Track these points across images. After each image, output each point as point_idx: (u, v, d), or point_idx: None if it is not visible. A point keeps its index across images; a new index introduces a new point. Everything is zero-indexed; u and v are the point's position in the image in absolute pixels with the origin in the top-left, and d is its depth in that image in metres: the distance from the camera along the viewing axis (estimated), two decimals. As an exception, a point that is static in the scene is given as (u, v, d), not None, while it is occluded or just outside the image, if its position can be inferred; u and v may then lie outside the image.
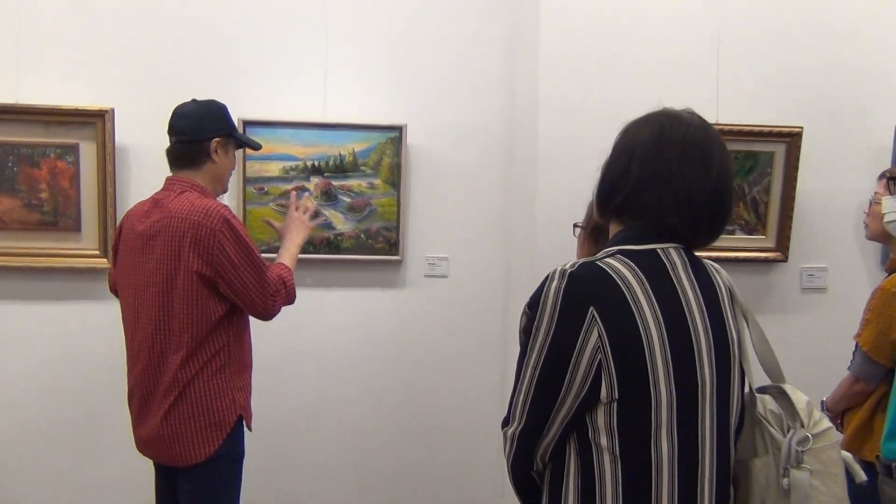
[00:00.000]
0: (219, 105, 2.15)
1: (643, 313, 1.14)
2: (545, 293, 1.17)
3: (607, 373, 1.13)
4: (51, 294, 2.79)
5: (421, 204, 2.95)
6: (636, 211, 1.22)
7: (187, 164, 2.06)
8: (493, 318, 2.99)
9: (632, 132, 1.26)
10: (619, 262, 1.18)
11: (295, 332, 2.90)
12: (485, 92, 2.95)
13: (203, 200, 1.98)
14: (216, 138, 2.07)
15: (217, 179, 2.11)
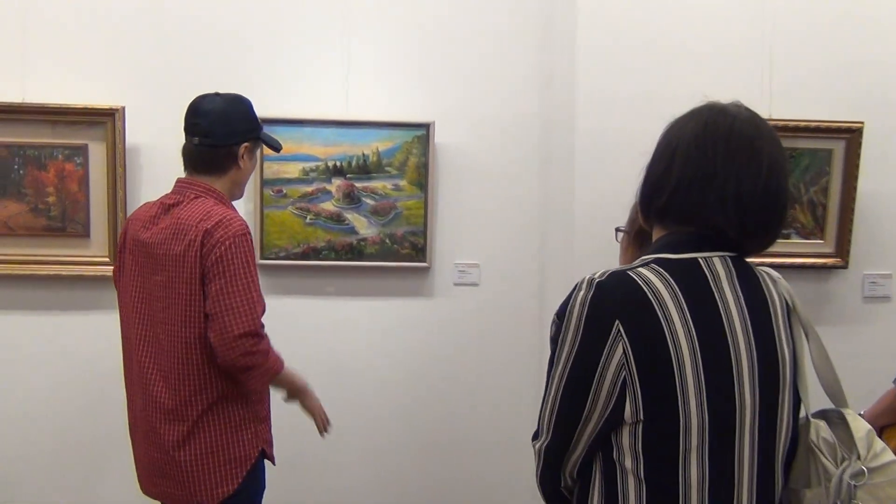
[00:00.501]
0: (246, 101, 2.11)
1: (673, 329, 1.14)
2: (572, 303, 1.21)
3: (632, 391, 1.14)
4: (58, 303, 2.90)
5: (450, 207, 3.03)
6: (680, 213, 1.23)
7: (209, 169, 2.02)
8: (527, 329, 3.06)
9: (675, 128, 1.27)
10: (653, 272, 1.19)
11: (314, 345, 3.00)
12: (518, 86, 3.03)
13: (220, 209, 1.96)
14: (245, 142, 2.05)
15: (237, 184, 2.10)
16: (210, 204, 1.97)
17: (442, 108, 2.99)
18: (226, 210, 1.97)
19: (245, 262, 1.90)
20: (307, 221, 2.93)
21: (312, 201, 2.93)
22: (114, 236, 2.85)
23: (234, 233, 1.90)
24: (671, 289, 1.17)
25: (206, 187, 2.01)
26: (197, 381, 1.93)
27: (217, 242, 1.88)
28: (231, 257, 1.88)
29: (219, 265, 1.87)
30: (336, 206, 2.94)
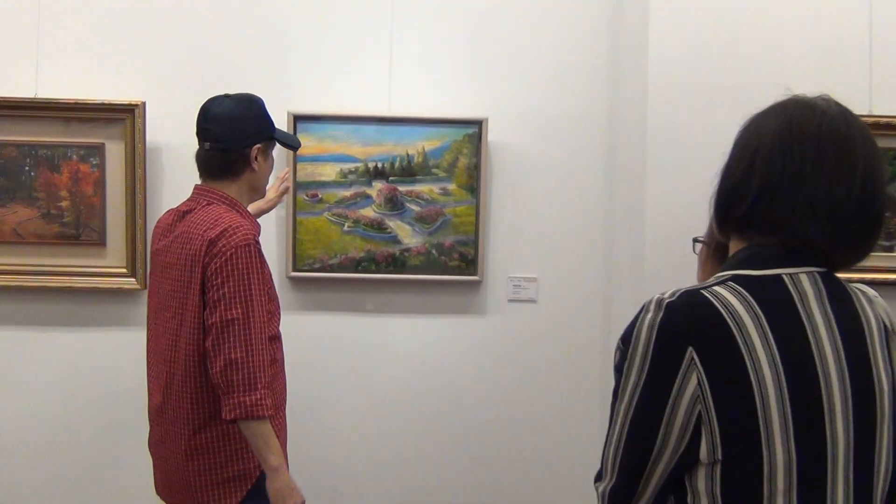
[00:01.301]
0: (258, 101, 2.31)
1: (756, 356, 1.15)
2: (638, 327, 1.22)
3: (708, 428, 1.16)
4: (71, 319, 3.06)
5: (504, 213, 3.14)
6: (762, 223, 1.24)
7: (222, 174, 2.22)
8: (591, 354, 3.16)
9: (755, 126, 1.28)
10: (731, 291, 1.20)
11: (350, 369, 3.12)
12: (582, 78, 3.13)
13: (230, 216, 2.14)
14: (258, 144, 2.24)
15: (254, 188, 2.30)
16: (220, 211, 2.17)
17: (496, 104, 3.10)
18: (235, 218, 2.15)
19: (246, 273, 2.07)
20: (345, 229, 3.06)
21: (351, 207, 3.06)
22: (132, 245, 3.00)
23: (238, 242, 2.08)
24: (752, 311, 1.18)
25: (219, 194, 2.22)
26: (197, 393, 2.14)
27: (219, 252, 2.06)
28: (231, 268, 2.05)
29: (218, 276, 2.05)
30: (377, 212, 3.07)
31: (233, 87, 2.81)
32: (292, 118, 3.01)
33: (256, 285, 2.09)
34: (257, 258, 2.11)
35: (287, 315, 3.00)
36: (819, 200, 1.20)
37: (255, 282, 2.09)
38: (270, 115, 2.36)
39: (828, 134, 1.22)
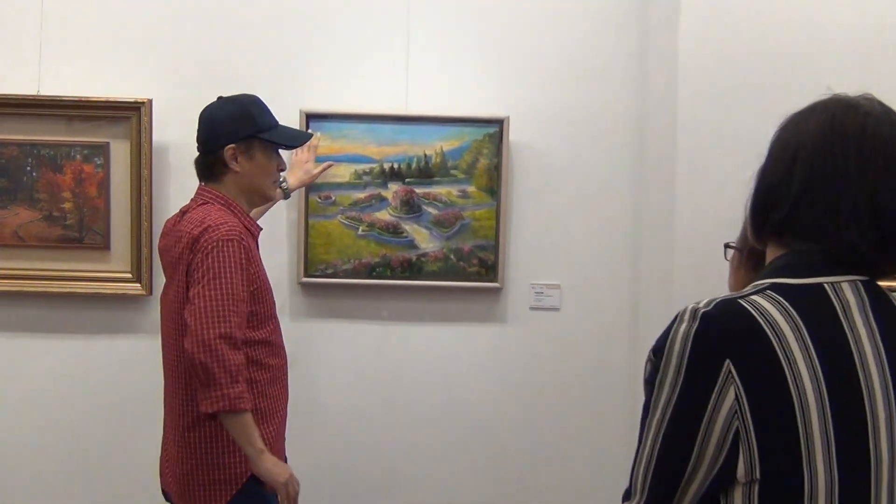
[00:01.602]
0: (243, 102, 2.41)
1: (796, 370, 1.15)
2: (671, 338, 1.22)
3: (746, 445, 1.16)
4: (74, 326, 3.11)
5: (526, 217, 3.17)
6: (802, 228, 1.24)
7: (207, 176, 2.39)
8: (618, 364, 3.18)
9: (794, 125, 1.28)
10: (769, 300, 1.20)
11: (365, 378, 3.15)
12: (609, 76, 3.15)
13: (218, 214, 2.27)
14: (230, 145, 2.34)
15: (246, 189, 2.40)
16: (212, 210, 2.30)
17: (518, 102, 3.13)
18: (223, 216, 2.28)
19: (224, 266, 2.18)
20: (359, 233, 3.10)
21: (365, 210, 3.10)
22: (137, 249, 3.04)
23: (219, 237, 2.19)
24: (792, 321, 1.18)
25: (214, 194, 2.37)
26: (185, 393, 2.27)
27: (200, 248, 2.19)
28: (210, 262, 2.17)
29: (198, 271, 2.18)
30: (393, 215, 3.11)
31: (243, 84, 2.86)
32: (305, 117, 3.05)
33: (237, 278, 2.20)
34: (239, 255, 2.22)
35: (298, 323, 3.09)
36: (863, 204, 1.20)
37: (236, 275, 2.20)
38: (265, 113, 2.44)
39: (872, 134, 1.22)
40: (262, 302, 2.33)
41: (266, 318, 2.35)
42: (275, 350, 2.39)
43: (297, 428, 2.77)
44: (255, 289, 2.29)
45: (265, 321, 2.34)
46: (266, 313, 2.35)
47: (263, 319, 2.34)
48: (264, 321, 2.34)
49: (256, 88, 2.76)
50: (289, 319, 3.08)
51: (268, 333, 2.35)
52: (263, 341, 2.33)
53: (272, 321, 2.39)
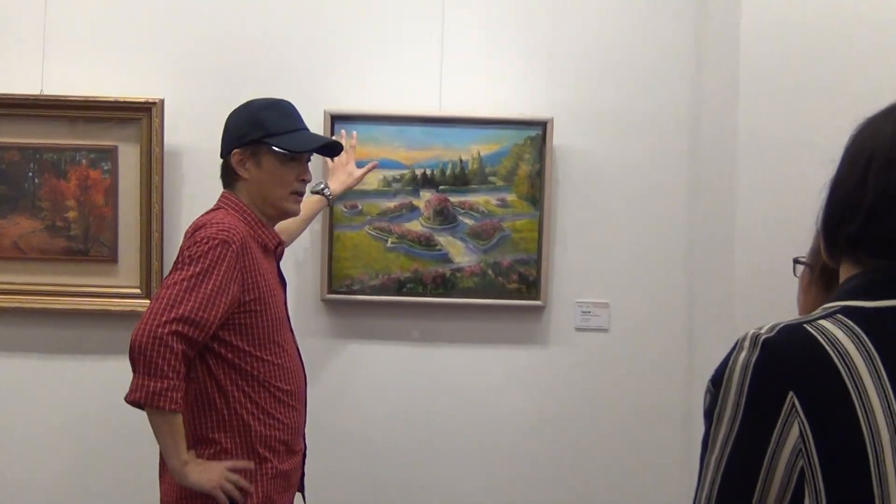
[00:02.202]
0: (258, 105, 2.47)
1: (869, 404, 1.14)
2: (730, 367, 1.23)
3: (812, 486, 1.15)
4: (78, 346, 3.17)
5: (571, 229, 3.20)
6: (877, 244, 1.23)
7: (224, 182, 2.51)
8: (672, 392, 3.20)
9: (868, 130, 1.28)
10: (839, 325, 1.19)
11: (393, 404, 3.19)
12: (661, 74, 3.19)
13: (223, 217, 2.34)
14: (235, 150, 2.44)
15: (257, 198, 2.46)
16: (220, 214, 2.39)
17: (562, 102, 3.17)
18: (228, 219, 2.35)
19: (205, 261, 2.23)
20: (388, 246, 3.15)
21: (395, 220, 3.15)
22: (147, 262, 3.11)
23: (209, 235, 2.27)
24: (865, 350, 1.17)
25: (230, 199, 2.47)
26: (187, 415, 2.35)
27: (188, 244, 2.28)
28: (192, 253, 2.25)
29: (176, 265, 2.28)
30: (425, 225, 3.15)
31: (262, 83, 2.94)
32: (329, 118, 3.10)
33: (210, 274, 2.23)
34: (228, 257, 2.26)
35: (320, 343, 3.15)
36: None
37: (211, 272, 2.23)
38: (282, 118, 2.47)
39: None
40: (261, 317, 2.36)
41: (268, 340, 2.38)
42: (284, 374, 2.42)
43: (319, 459, 2.83)
44: (252, 299, 2.32)
45: (267, 342, 2.38)
46: (267, 333, 2.38)
47: (264, 340, 2.37)
48: (266, 342, 2.37)
49: (277, 87, 2.83)
50: (311, 339, 3.12)
51: (273, 355, 2.39)
52: (269, 361, 2.38)
53: (278, 345, 2.41)
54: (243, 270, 2.29)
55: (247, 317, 2.32)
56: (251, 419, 2.33)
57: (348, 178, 3.02)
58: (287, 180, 2.47)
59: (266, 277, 2.39)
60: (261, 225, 2.45)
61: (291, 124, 2.48)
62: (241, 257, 2.28)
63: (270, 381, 2.37)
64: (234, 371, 2.32)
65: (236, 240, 2.27)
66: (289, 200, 2.49)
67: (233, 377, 2.32)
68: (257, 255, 2.37)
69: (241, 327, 2.32)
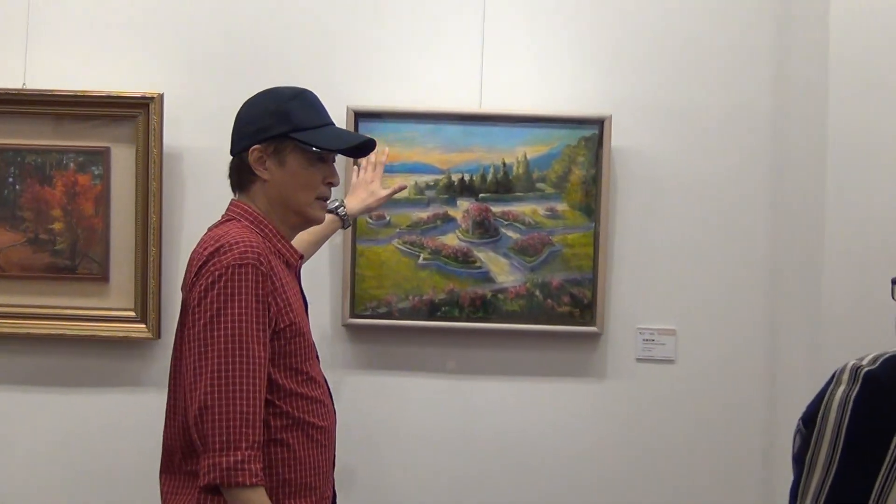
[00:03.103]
0: (283, 94, 2.43)
1: None
2: (826, 404, 1.26)
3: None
4: (65, 376, 3.22)
5: (632, 244, 3.21)
6: None
7: (237, 185, 2.45)
8: (751, 432, 3.20)
9: None
10: None
11: (428, 445, 3.22)
12: (737, 66, 3.19)
13: (239, 233, 2.28)
14: (255, 146, 2.37)
15: (278, 203, 2.41)
16: (233, 227, 2.33)
17: (622, 98, 3.19)
18: (244, 234, 2.29)
19: (233, 297, 2.19)
20: (420, 262, 3.18)
21: (428, 233, 3.18)
22: (143, 280, 3.14)
23: (230, 261, 2.21)
24: None
25: (242, 208, 2.41)
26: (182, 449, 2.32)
27: (206, 272, 2.22)
28: (217, 293, 2.20)
29: (201, 303, 2.21)
30: (463, 239, 3.18)
31: (275, 76, 2.90)
32: (353, 116, 3.14)
33: (245, 313, 2.21)
34: (255, 282, 2.23)
35: (342, 375, 3.18)
36: None
37: (244, 309, 2.21)
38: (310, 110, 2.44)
39: None
40: (295, 345, 2.35)
41: (301, 370, 2.37)
42: (318, 408, 2.41)
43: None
44: (287, 326, 2.31)
45: (300, 373, 2.37)
46: (300, 362, 2.37)
47: (299, 371, 2.36)
48: (300, 373, 2.36)
49: (293, 80, 2.82)
50: (330, 370, 3.08)
51: (310, 387, 2.38)
52: (303, 395, 2.36)
53: (309, 376, 2.40)
54: (274, 293, 2.27)
55: (281, 346, 2.30)
56: (282, 467, 2.31)
57: (370, 197, 3.00)
58: (314, 183, 2.43)
59: (295, 296, 2.39)
60: (280, 237, 2.42)
61: (319, 118, 2.44)
62: (267, 277, 2.25)
63: (305, 419, 2.35)
64: (267, 410, 2.27)
65: (263, 260, 2.24)
66: (314, 206, 2.45)
67: (264, 418, 2.26)
68: (282, 273, 2.35)
69: (274, 357, 2.29)
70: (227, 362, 2.16)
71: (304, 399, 2.37)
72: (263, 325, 2.22)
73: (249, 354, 2.19)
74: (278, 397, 2.30)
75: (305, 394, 2.37)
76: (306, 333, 2.41)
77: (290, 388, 2.33)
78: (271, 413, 2.29)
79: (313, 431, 2.38)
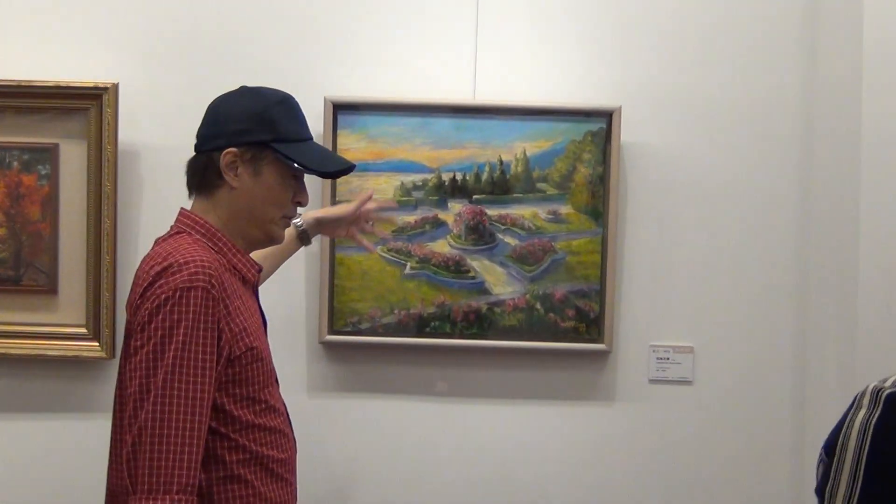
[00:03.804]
0: (268, 98, 2.42)
1: None
2: (846, 430, 1.30)
3: None
4: (8, 399, 3.23)
5: (644, 251, 3.23)
6: None
7: (197, 185, 2.41)
8: (776, 462, 3.22)
9: None
10: None
11: (416, 476, 3.23)
12: (765, 54, 3.21)
13: (189, 249, 2.27)
14: (231, 148, 2.35)
15: (241, 215, 2.40)
16: (184, 242, 2.32)
17: (633, 88, 3.21)
18: (194, 252, 2.27)
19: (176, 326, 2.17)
20: (406, 272, 3.20)
21: (415, 239, 3.19)
22: (95, 293, 3.15)
23: (179, 284, 2.19)
24: None
25: (194, 219, 2.39)
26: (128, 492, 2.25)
27: (151, 296, 2.20)
28: (158, 323, 2.18)
29: (143, 333, 2.19)
30: (455, 246, 3.20)
31: (244, 63, 2.97)
32: (331, 107, 3.15)
33: (192, 343, 2.19)
34: (206, 306, 2.21)
35: (319, 398, 3.21)
36: None
37: (191, 338, 2.19)
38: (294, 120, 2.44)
39: None
40: (253, 371, 2.35)
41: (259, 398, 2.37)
42: (278, 439, 2.42)
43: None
44: (242, 353, 2.30)
45: (258, 402, 2.37)
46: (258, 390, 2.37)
47: (256, 399, 2.36)
48: (257, 401, 2.36)
49: (264, 68, 2.89)
50: (306, 393, 3.19)
51: (268, 417, 2.39)
52: (261, 427, 2.37)
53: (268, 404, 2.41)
54: (228, 318, 2.26)
55: (236, 373, 2.30)
56: None
57: (337, 209, 2.93)
58: (283, 200, 2.43)
59: (252, 319, 2.38)
60: (236, 251, 2.41)
61: (302, 131, 2.45)
62: (218, 301, 2.23)
63: (264, 452, 2.35)
64: (222, 444, 2.28)
65: (215, 282, 2.23)
66: (279, 224, 2.45)
67: (219, 453, 2.28)
68: (238, 292, 2.35)
69: (229, 386, 2.29)
70: (167, 396, 2.14)
71: (263, 430, 2.37)
72: (211, 356, 2.20)
73: (191, 388, 2.17)
74: (234, 430, 2.30)
75: (264, 424, 2.37)
76: (265, 358, 2.41)
77: (246, 420, 2.32)
78: (227, 447, 2.29)
79: (273, 465, 2.38)
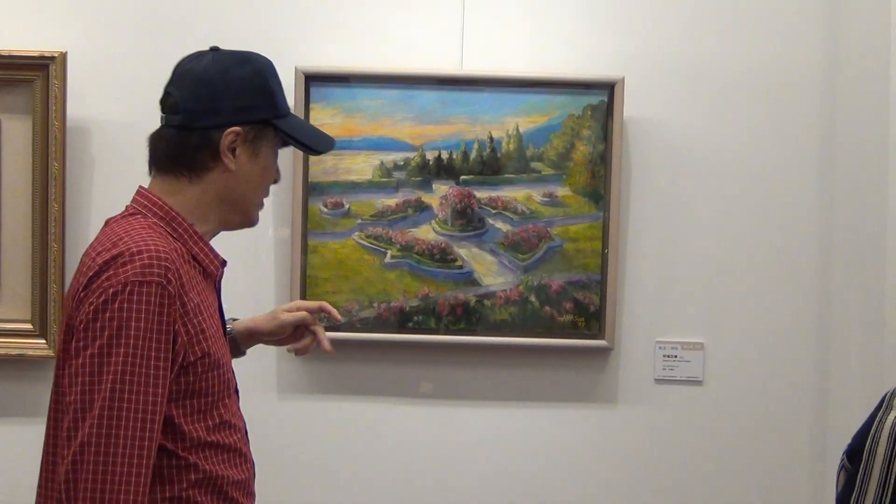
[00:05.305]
0: (262, 65, 2.32)
1: None
2: (874, 434, 1.31)
3: None
4: None
5: (649, 238, 3.20)
6: None
7: (173, 166, 2.26)
8: (796, 467, 3.20)
9: None
10: None
11: (398, 487, 3.20)
12: (784, 19, 3.18)
13: (143, 234, 2.15)
14: (235, 127, 2.24)
15: (227, 201, 2.31)
16: (138, 226, 2.19)
17: (637, 57, 3.18)
18: (150, 239, 2.15)
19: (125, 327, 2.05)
20: (387, 261, 3.16)
21: (396, 224, 3.15)
22: (41, 285, 3.11)
23: (128, 277, 2.06)
24: None
25: (151, 200, 2.26)
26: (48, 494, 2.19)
27: (97, 289, 2.07)
28: (105, 321, 2.05)
29: (86, 332, 2.05)
30: (440, 232, 3.15)
31: (206, 29, 2.92)
32: (303, 79, 3.10)
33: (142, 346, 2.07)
34: (160, 304, 2.09)
35: (289, 402, 3.17)
36: None
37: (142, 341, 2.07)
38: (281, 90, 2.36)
39: None
40: (211, 378, 2.24)
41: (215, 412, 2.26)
42: (235, 459, 2.32)
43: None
44: (198, 359, 2.18)
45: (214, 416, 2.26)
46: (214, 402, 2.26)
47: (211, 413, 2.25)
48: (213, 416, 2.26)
49: (227, 35, 2.80)
50: (275, 396, 3.15)
51: (224, 434, 2.29)
52: (215, 444, 2.26)
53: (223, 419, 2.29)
54: (185, 318, 2.15)
55: (190, 383, 2.18)
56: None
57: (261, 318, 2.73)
58: (269, 181, 2.37)
59: (212, 320, 2.27)
60: (198, 238, 2.28)
61: (286, 103, 2.37)
62: (174, 298, 2.11)
63: (218, 472, 2.25)
64: (170, 462, 2.17)
65: (172, 276, 2.10)
66: (259, 206, 2.37)
67: (165, 473, 2.16)
68: (198, 287, 2.25)
69: (181, 399, 2.18)
70: (114, 409, 2.02)
71: (217, 448, 2.26)
72: (165, 363, 2.08)
73: (142, 401, 2.06)
74: (184, 448, 2.17)
75: (218, 442, 2.26)
76: (224, 365, 2.29)
77: (199, 438, 2.21)
78: (175, 466, 2.18)
79: (229, 487, 2.28)
